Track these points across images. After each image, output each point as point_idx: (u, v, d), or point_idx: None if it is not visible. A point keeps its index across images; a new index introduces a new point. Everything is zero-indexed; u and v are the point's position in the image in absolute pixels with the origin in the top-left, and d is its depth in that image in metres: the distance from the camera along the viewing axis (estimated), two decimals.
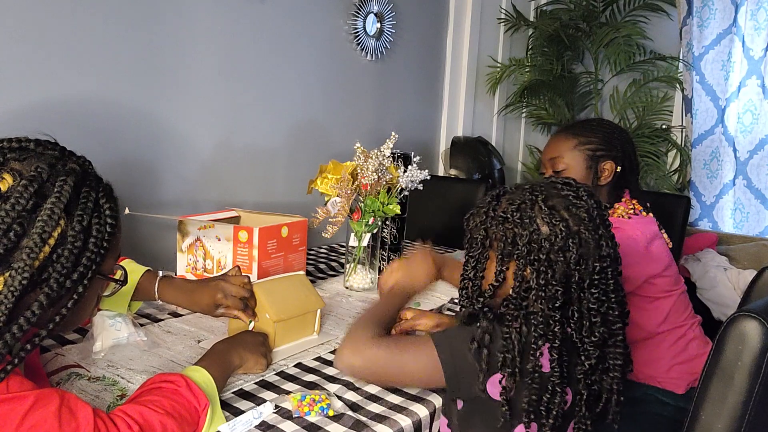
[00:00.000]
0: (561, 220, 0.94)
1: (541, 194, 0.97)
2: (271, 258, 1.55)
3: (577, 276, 0.94)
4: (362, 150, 1.61)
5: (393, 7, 2.55)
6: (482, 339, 0.94)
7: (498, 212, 0.99)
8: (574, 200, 0.97)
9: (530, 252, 0.94)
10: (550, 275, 0.93)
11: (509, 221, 0.96)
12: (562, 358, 0.94)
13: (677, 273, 1.54)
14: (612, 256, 0.97)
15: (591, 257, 0.94)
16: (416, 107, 2.84)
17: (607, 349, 0.97)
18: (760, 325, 0.91)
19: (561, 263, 0.93)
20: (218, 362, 1.03)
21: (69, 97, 1.61)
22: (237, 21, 1.99)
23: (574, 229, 0.94)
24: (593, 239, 0.95)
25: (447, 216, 2.45)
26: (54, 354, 1.16)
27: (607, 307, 0.96)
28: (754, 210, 2.92)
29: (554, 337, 0.93)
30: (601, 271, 0.95)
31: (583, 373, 0.95)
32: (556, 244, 0.93)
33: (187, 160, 1.92)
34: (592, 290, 0.94)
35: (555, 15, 3.14)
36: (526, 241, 0.94)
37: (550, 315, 0.93)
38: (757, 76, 2.84)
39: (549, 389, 0.93)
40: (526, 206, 0.97)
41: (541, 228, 0.95)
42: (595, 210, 0.97)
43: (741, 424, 0.93)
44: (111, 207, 0.84)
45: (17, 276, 0.73)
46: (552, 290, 0.93)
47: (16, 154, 0.78)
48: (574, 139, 1.53)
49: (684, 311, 1.54)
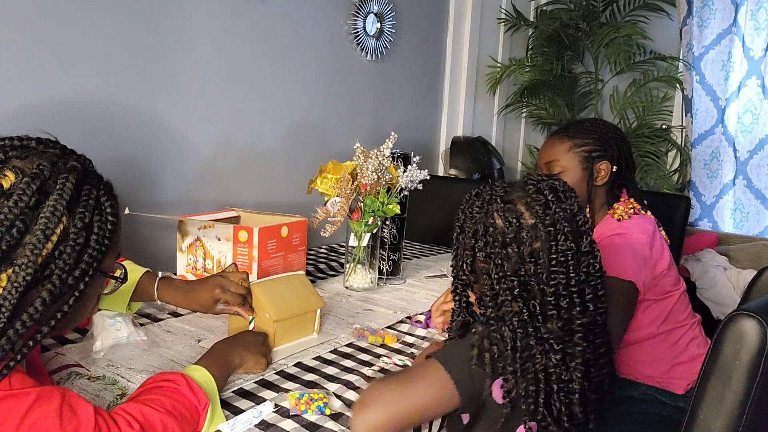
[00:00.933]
0: (514, 213, 0.97)
1: (502, 189, 1.01)
2: (271, 258, 1.55)
3: (533, 269, 0.95)
4: (362, 150, 1.62)
5: (393, 7, 2.55)
6: (481, 344, 0.94)
7: (468, 209, 1.03)
8: (533, 194, 0.98)
9: (486, 245, 0.97)
10: (505, 267, 0.95)
11: (473, 216, 1.01)
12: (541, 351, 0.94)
13: (677, 273, 1.54)
14: (574, 251, 0.96)
15: (545, 251, 0.95)
16: (416, 107, 2.84)
17: (570, 345, 0.96)
18: (759, 324, 0.91)
19: (514, 255, 0.95)
20: (219, 362, 1.03)
21: (69, 97, 1.61)
22: (237, 21, 1.99)
23: (529, 223, 0.96)
24: (546, 233, 0.95)
25: (447, 216, 2.45)
26: (54, 353, 1.16)
27: (569, 302, 0.95)
28: (754, 210, 2.92)
29: (526, 326, 0.94)
30: (557, 264, 0.95)
31: (553, 366, 0.95)
32: (507, 236, 0.96)
33: (187, 160, 1.92)
34: (550, 283, 0.95)
35: (555, 15, 3.14)
36: (482, 233, 0.98)
37: (520, 308, 0.94)
38: (757, 76, 2.84)
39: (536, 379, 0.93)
40: (485, 201, 1.00)
41: (496, 221, 0.98)
42: (554, 204, 0.97)
43: (739, 423, 0.93)
44: (112, 205, 0.84)
45: (21, 272, 0.73)
46: (509, 282, 0.95)
47: (17, 152, 0.79)
48: (569, 142, 1.52)
49: (684, 311, 1.54)
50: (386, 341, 1.33)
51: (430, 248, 2.31)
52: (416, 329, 1.42)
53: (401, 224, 1.83)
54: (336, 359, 1.23)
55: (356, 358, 1.24)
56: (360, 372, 1.17)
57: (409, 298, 1.65)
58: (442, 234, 2.43)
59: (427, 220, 2.45)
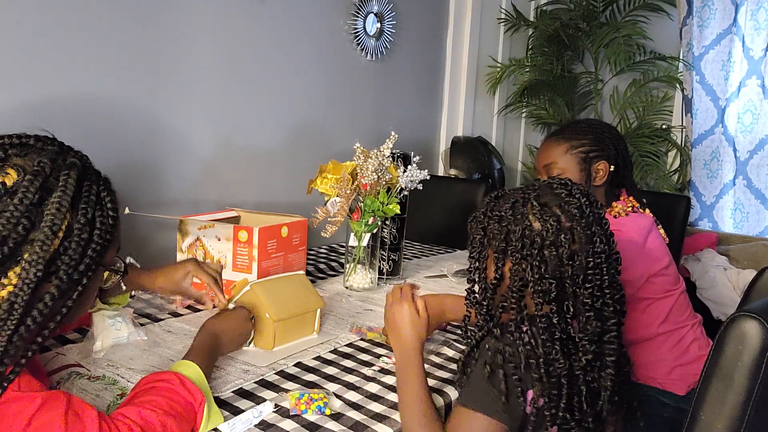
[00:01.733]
0: (552, 215, 0.96)
1: (534, 192, 1.00)
2: (271, 258, 1.55)
3: (570, 271, 0.95)
4: (362, 150, 1.61)
5: (393, 7, 2.55)
6: (494, 360, 0.93)
7: (495, 212, 1.01)
8: (567, 197, 0.99)
9: (523, 247, 0.96)
10: (543, 270, 0.95)
11: (504, 219, 0.99)
12: (569, 353, 0.94)
13: (677, 272, 1.54)
14: (607, 253, 0.98)
15: (583, 253, 0.96)
16: (416, 107, 2.84)
17: (602, 345, 0.97)
18: (760, 326, 0.91)
19: (553, 258, 0.95)
20: (205, 356, 1.04)
21: (69, 96, 1.61)
22: (237, 21, 1.99)
23: (566, 225, 0.96)
24: (585, 235, 0.96)
25: (447, 216, 2.46)
26: (54, 353, 1.16)
27: (602, 303, 0.97)
28: (753, 210, 2.92)
29: (556, 330, 0.94)
30: (594, 267, 0.96)
31: (581, 368, 0.95)
32: (547, 239, 0.95)
33: (187, 160, 1.92)
34: (587, 285, 0.95)
35: (555, 15, 3.14)
36: (519, 236, 0.97)
37: (550, 310, 0.94)
38: (757, 76, 2.84)
39: (559, 382, 0.93)
40: (519, 204, 0.99)
41: (533, 224, 0.97)
42: (587, 207, 0.98)
43: (741, 424, 0.93)
44: (111, 199, 0.86)
45: (31, 269, 0.75)
46: (546, 284, 0.94)
47: (17, 150, 0.80)
48: (566, 144, 1.53)
49: (685, 311, 1.54)
50: (383, 339, 1.33)
51: (430, 248, 2.31)
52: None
53: (401, 224, 1.83)
54: (336, 359, 1.23)
55: (356, 358, 1.24)
56: (360, 372, 1.17)
57: None
58: (442, 234, 2.43)
59: (427, 220, 2.45)
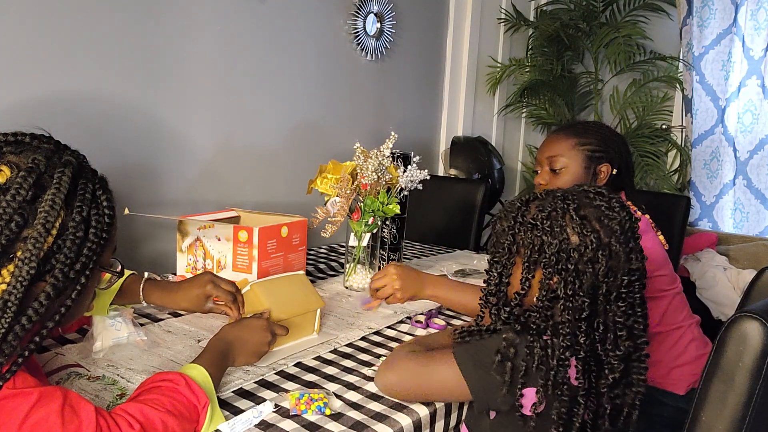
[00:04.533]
0: (592, 231, 0.93)
1: (573, 203, 0.96)
2: (271, 258, 1.55)
3: (604, 288, 0.92)
4: (362, 150, 1.61)
5: (393, 7, 2.55)
6: (506, 351, 0.93)
7: (527, 218, 0.97)
8: (607, 211, 0.95)
9: (558, 261, 0.93)
10: (577, 286, 0.92)
11: (538, 228, 0.95)
12: (590, 370, 0.92)
13: (673, 272, 1.54)
14: (641, 270, 0.96)
15: (620, 270, 0.93)
16: (416, 107, 2.84)
17: (632, 363, 0.96)
18: (761, 326, 0.91)
19: (589, 275, 0.92)
20: (216, 361, 1.03)
21: (69, 96, 1.61)
22: (237, 21, 1.99)
23: (605, 241, 0.93)
24: (624, 252, 0.93)
25: (447, 216, 2.46)
26: (54, 354, 1.16)
27: (633, 321, 0.95)
28: (753, 210, 2.92)
29: (581, 349, 0.92)
30: (629, 284, 0.93)
31: (607, 386, 0.94)
32: (585, 255, 0.92)
33: (187, 160, 1.92)
34: (619, 303, 0.93)
35: (555, 15, 3.14)
36: (555, 250, 0.93)
37: (577, 326, 0.92)
38: (757, 76, 2.84)
39: (577, 402, 0.92)
40: (557, 214, 0.95)
41: (571, 238, 0.93)
42: (627, 222, 0.95)
43: (742, 425, 0.93)
44: (108, 198, 0.85)
45: (24, 266, 0.74)
46: (579, 301, 0.91)
47: (12, 148, 0.80)
48: (574, 138, 1.53)
49: (681, 311, 1.54)
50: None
51: (430, 248, 2.31)
52: (416, 329, 1.42)
53: (401, 224, 1.83)
54: (336, 359, 1.23)
55: (356, 358, 1.24)
56: (360, 372, 1.16)
57: None
58: (442, 234, 2.43)
59: (427, 220, 2.45)
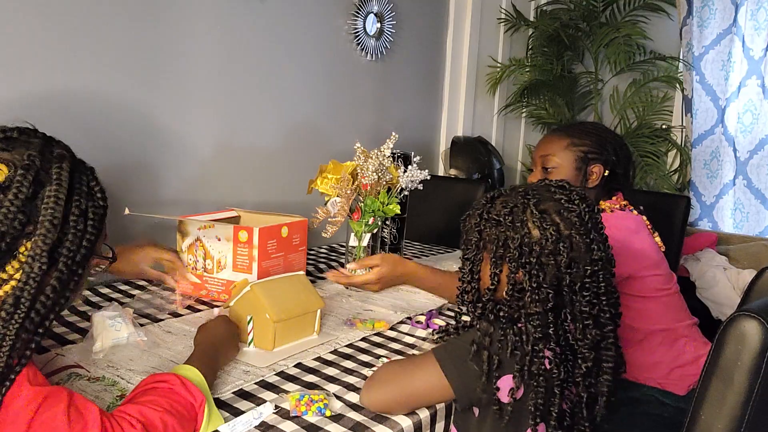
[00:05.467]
0: (552, 224, 0.96)
1: (534, 198, 0.98)
2: (271, 258, 1.55)
3: (568, 279, 0.95)
4: (362, 150, 1.61)
5: (393, 7, 2.55)
6: (481, 341, 0.94)
7: (492, 215, 1.00)
8: (566, 204, 0.98)
9: (521, 255, 0.95)
10: (541, 278, 0.94)
11: (501, 224, 0.98)
12: (563, 359, 0.94)
13: (669, 272, 1.53)
14: (604, 259, 0.97)
15: (582, 261, 0.95)
16: (416, 107, 2.84)
17: (600, 351, 0.98)
18: (760, 325, 0.91)
19: (552, 266, 0.94)
20: (206, 361, 1.04)
21: (68, 95, 1.61)
22: (237, 21, 1.99)
23: (565, 234, 0.95)
24: (584, 243, 0.95)
25: (447, 216, 2.45)
26: (54, 354, 1.16)
27: (599, 310, 0.96)
28: (753, 210, 2.92)
29: (551, 339, 0.94)
30: (592, 274, 0.95)
31: (581, 375, 0.96)
32: (546, 248, 0.95)
33: (187, 160, 1.92)
34: (584, 293, 0.95)
35: (555, 15, 3.14)
36: (518, 244, 0.96)
37: (545, 317, 0.94)
38: (757, 76, 2.84)
39: (553, 392, 0.93)
40: (518, 210, 0.98)
41: (532, 232, 0.96)
42: (587, 214, 0.97)
43: (741, 424, 0.93)
44: (100, 189, 0.88)
45: (35, 263, 0.76)
46: (544, 293, 0.94)
47: (3, 144, 0.81)
48: (567, 139, 1.54)
49: (679, 312, 1.54)
50: (376, 326, 1.36)
51: (430, 248, 2.31)
52: (416, 330, 1.42)
53: (401, 224, 1.83)
54: (336, 360, 1.23)
55: (356, 359, 1.24)
56: (360, 373, 1.17)
57: (409, 299, 1.64)
58: (442, 234, 2.43)
59: (427, 220, 2.45)
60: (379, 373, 1.06)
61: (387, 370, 1.06)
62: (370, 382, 1.04)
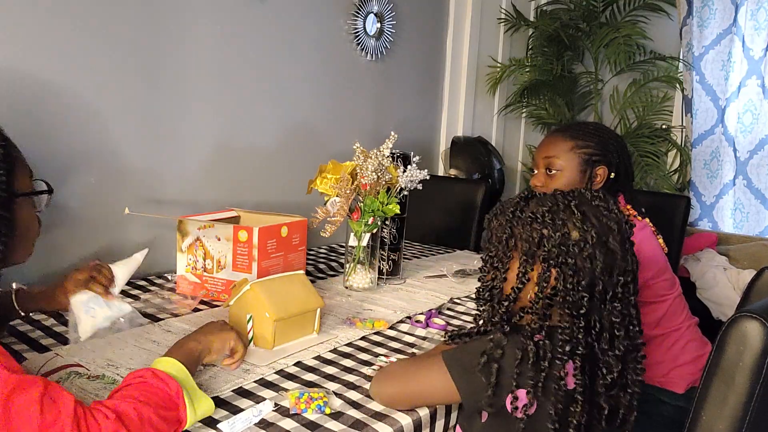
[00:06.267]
0: (592, 226, 0.93)
1: (575, 200, 0.96)
2: (271, 258, 1.55)
3: (601, 286, 0.92)
4: (362, 150, 1.61)
5: (393, 7, 2.55)
6: (492, 353, 0.92)
7: (526, 213, 0.97)
8: (605, 211, 0.95)
9: (558, 255, 0.92)
10: (576, 281, 0.91)
11: (538, 221, 0.95)
12: (584, 370, 0.92)
13: (673, 276, 1.53)
14: (634, 273, 0.96)
15: (616, 269, 0.93)
16: (416, 107, 2.84)
17: (628, 364, 0.96)
18: (761, 326, 0.91)
19: (588, 270, 0.92)
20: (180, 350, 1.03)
21: (68, 95, 1.60)
22: (237, 21, 1.99)
23: (603, 239, 0.93)
24: (620, 251, 0.93)
25: (447, 216, 2.45)
26: (53, 354, 1.16)
27: (629, 322, 0.95)
28: (754, 210, 2.92)
29: (579, 346, 0.91)
30: (624, 285, 0.93)
31: (605, 386, 0.94)
32: (585, 251, 0.92)
33: (187, 160, 1.92)
34: (615, 303, 0.93)
35: (555, 15, 3.14)
36: (556, 243, 0.93)
37: (575, 323, 0.91)
38: (757, 76, 2.84)
39: (575, 401, 0.91)
40: (558, 209, 0.95)
41: (572, 232, 0.93)
42: (624, 224, 0.96)
43: (742, 425, 0.93)
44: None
45: None
46: (577, 296, 0.91)
47: None
48: (572, 142, 1.52)
49: (680, 314, 1.53)
50: (376, 325, 1.36)
51: (430, 248, 2.31)
52: (416, 329, 1.42)
53: (401, 224, 1.83)
54: (336, 359, 1.23)
55: (356, 357, 1.24)
56: (360, 371, 1.17)
57: (408, 298, 1.64)
58: (442, 234, 2.43)
59: (427, 220, 2.45)
60: (390, 368, 1.08)
61: (399, 365, 1.09)
62: (380, 375, 1.06)
